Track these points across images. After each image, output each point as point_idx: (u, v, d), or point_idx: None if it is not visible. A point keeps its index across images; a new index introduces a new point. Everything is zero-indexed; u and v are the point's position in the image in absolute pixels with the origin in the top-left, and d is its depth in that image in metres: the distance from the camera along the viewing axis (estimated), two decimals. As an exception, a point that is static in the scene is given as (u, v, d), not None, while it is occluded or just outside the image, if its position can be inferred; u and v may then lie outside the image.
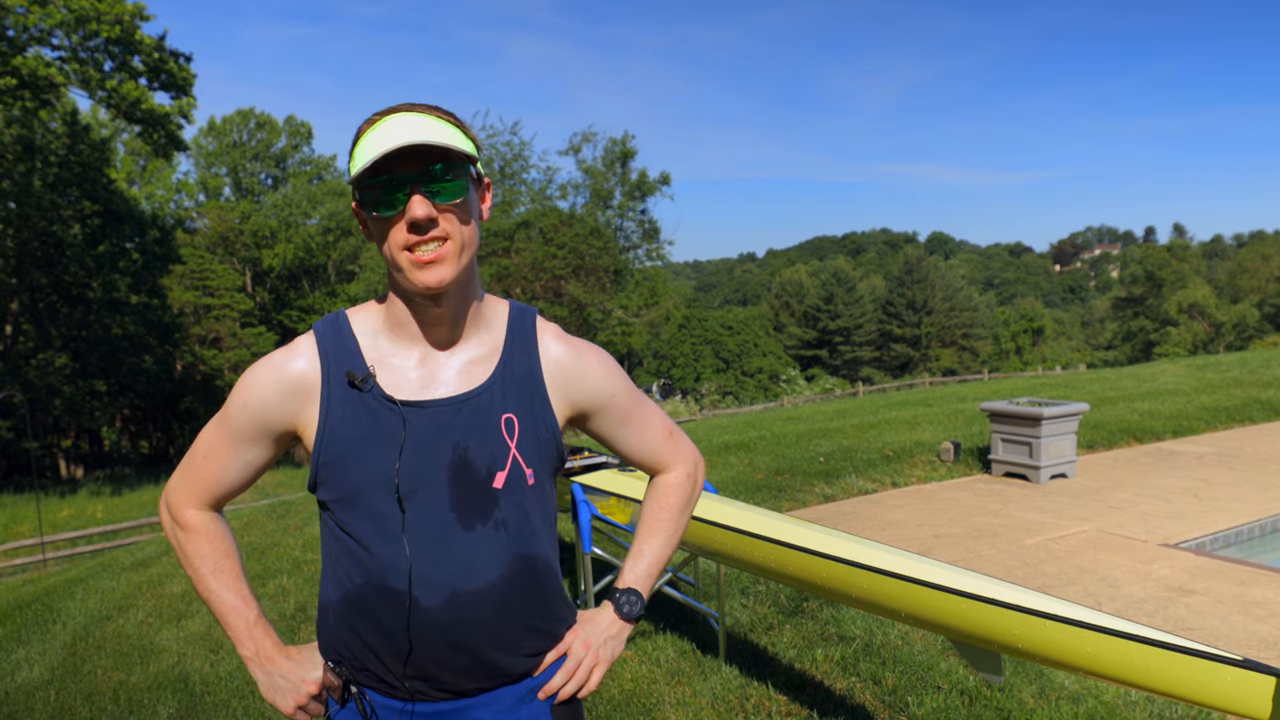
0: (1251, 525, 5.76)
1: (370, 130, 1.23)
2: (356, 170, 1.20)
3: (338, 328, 1.33)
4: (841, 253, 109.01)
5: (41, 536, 15.30)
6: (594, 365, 1.43)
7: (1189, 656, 1.62)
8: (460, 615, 1.28)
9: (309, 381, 1.30)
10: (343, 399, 1.29)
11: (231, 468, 1.36)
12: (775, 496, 6.84)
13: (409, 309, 1.31)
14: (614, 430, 1.48)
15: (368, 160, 1.18)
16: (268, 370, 1.31)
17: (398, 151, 1.19)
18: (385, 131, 1.21)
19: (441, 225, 1.22)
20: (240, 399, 1.32)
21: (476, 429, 1.30)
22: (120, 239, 31.52)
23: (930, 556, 2.75)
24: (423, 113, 1.25)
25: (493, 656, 1.32)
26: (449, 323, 1.32)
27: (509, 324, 1.39)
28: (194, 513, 1.40)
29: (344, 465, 1.28)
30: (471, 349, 1.34)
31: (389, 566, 1.28)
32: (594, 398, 1.43)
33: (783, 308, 65.32)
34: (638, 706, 3.37)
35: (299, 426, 1.31)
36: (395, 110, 1.24)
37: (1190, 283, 55.64)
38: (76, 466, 35.87)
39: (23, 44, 21.69)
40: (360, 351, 1.31)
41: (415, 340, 1.32)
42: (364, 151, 1.21)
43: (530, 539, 1.35)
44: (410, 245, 1.22)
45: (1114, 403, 10.66)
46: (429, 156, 1.21)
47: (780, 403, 25.09)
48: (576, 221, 31.35)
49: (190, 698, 3.85)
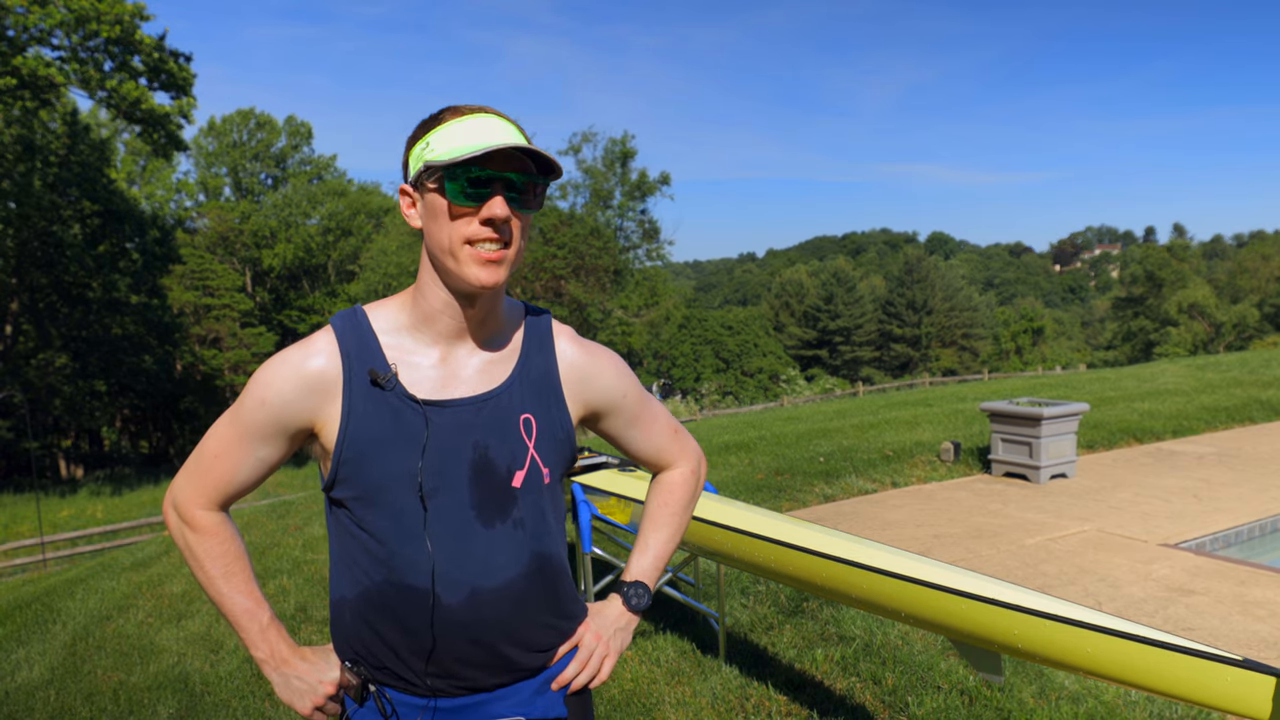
0: (1251, 525, 5.77)
1: (458, 121, 1.24)
2: (453, 156, 1.19)
3: (357, 324, 1.33)
4: (841, 253, 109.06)
5: (41, 536, 15.31)
6: (607, 367, 1.47)
7: (1189, 656, 1.62)
8: (480, 612, 1.30)
9: (330, 379, 1.29)
10: (364, 397, 1.28)
11: (244, 466, 1.34)
12: (775, 496, 6.84)
13: (438, 307, 1.31)
14: (623, 430, 1.51)
15: (473, 149, 1.18)
16: (286, 367, 1.29)
17: (503, 150, 1.21)
18: (481, 127, 1.23)
19: (511, 230, 1.24)
20: (257, 396, 1.30)
21: (496, 429, 1.32)
22: (120, 239, 31.53)
23: (930, 556, 2.75)
24: (509, 121, 1.27)
25: (511, 652, 1.34)
26: (477, 323, 1.33)
27: (525, 325, 1.41)
28: (203, 513, 1.37)
29: (366, 463, 1.28)
30: (491, 349, 1.36)
31: (410, 564, 1.28)
32: (607, 399, 1.46)
33: (783, 308, 65.34)
34: (638, 706, 3.37)
35: (317, 424, 1.30)
36: (484, 110, 1.26)
37: (1190, 283, 55.65)
38: (76, 466, 35.89)
39: (23, 44, 21.71)
40: (381, 349, 1.31)
41: (437, 338, 1.33)
42: (454, 137, 1.22)
43: (545, 537, 1.38)
44: (474, 240, 1.23)
45: (1114, 403, 10.66)
46: (522, 164, 1.23)
47: (780, 403, 25.09)
48: (576, 221, 31.36)
49: (190, 698, 3.85)
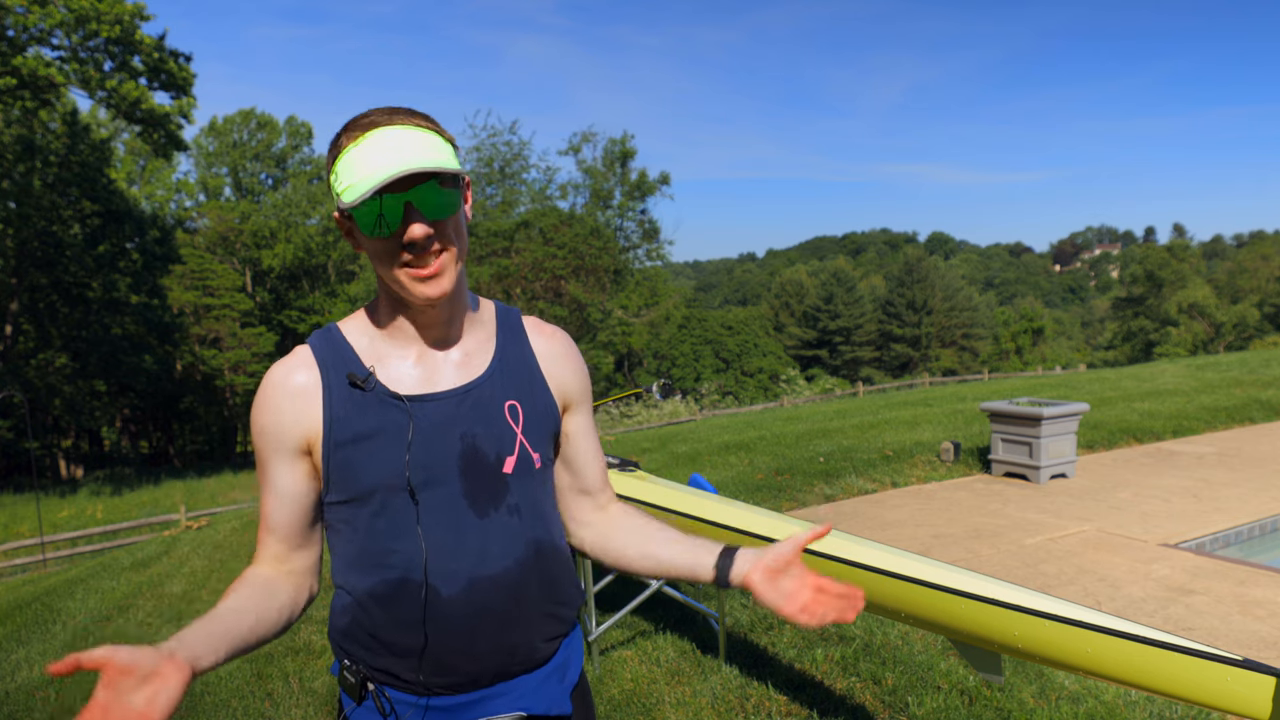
0: (1251, 525, 5.76)
1: (353, 146, 1.21)
2: (353, 198, 1.18)
3: (330, 337, 1.34)
4: (841, 253, 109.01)
5: (41, 536, 15.29)
6: (575, 356, 1.48)
7: (1189, 656, 1.62)
8: (478, 603, 1.29)
9: (310, 389, 1.30)
10: (345, 400, 1.29)
11: (280, 508, 1.32)
12: (775, 496, 6.84)
13: (403, 314, 1.32)
14: (578, 432, 1.49)
15: (365, 190, 1.17)
16: (269, 388, 1.31)
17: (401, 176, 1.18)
18: (373, 150, 1.19)
19: (437, 240, 1.23)
20: (258, 427, 1.31)
21: (481, 418, 1.32)
22: (120, 239, 31.51)
23: (930, 556, 2.75)
24: (403, 123, 1.22)
25: (511, 643, 1.33)
26: (444, 323, 1.34)
27: (497, 318, 1.43)
28: (250, 569, 1.34)
29: (353, 465, 1.28)
30: (466, 343, 1.36)
31: (405, 560, 1.28)
32: (578, 389, 1.47)
33: (783, 308, 65.30)
34: (638, 706, 3.37)
35: (310, 436, 1.30)
36: (375, 123, 1.21)
37: (1190, 283, 55.62)
38: (76, 466, 35.87)
39: (23, 44, 21.70)
40: (357, 355, 1.32)
41: (410, 340, 1.33)
42: (351, 169, 1.20)
43: (539, 523, 1.37)
44: (408, 262, 1.22)
45: (1114, 403, 10.66)
46: (422, 175, 1.20)
47: (780, 403, 25.07)
48: (576, 221, 31.33)
49: (190, 698, 3.85)
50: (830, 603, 1.26)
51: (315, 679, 3.90)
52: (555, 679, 1.40)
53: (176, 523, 14.70)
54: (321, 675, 3.94)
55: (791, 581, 1.29)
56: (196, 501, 21.51)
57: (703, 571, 1.37)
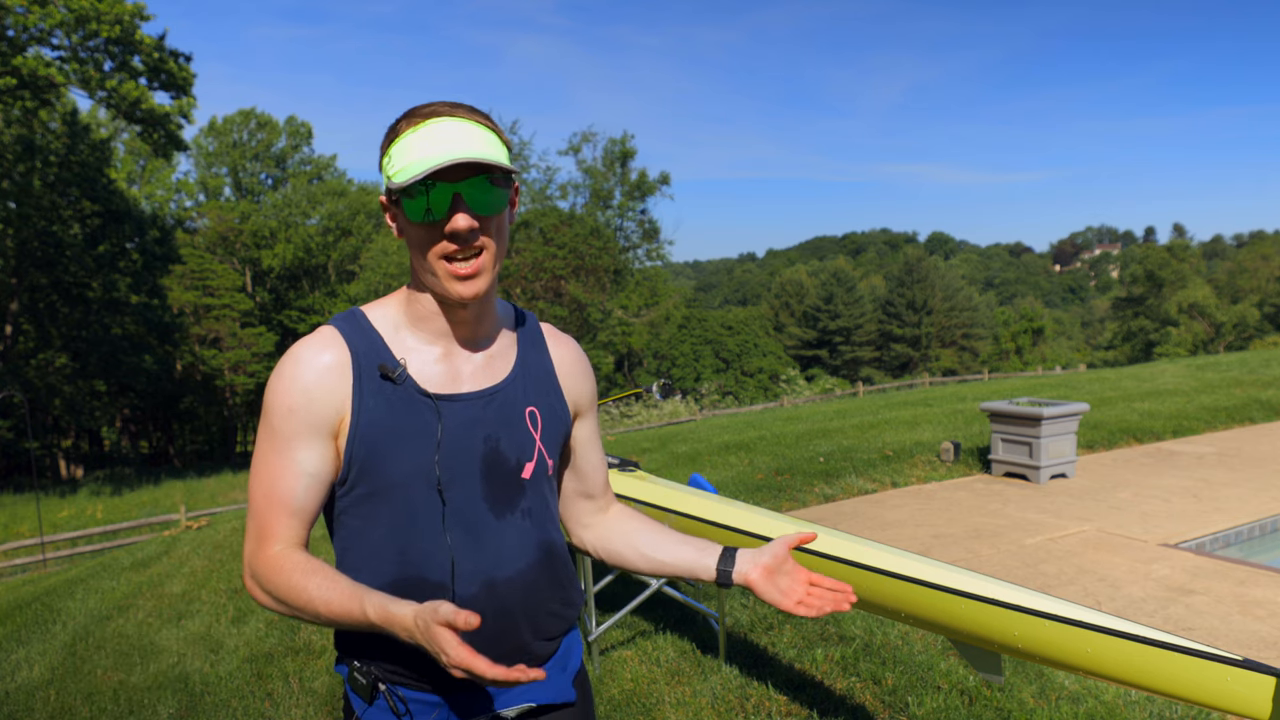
0: (1251, 525, 5.77)
1: (412, 131, 1.22)
2: (404, 180, 1.19)
3: (357, 323, 1.32)
4: (841, 253, 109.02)
5: (41, 536, 15.29)
6: (586, 365, 1.52)
7: (1189, 656, 1.62)
8: (494, 603, 1.31)
9: (341, 372, 1.28)
10: (375, 391, 1.28)
11: (297, 490, 1.27)
12: (775, 496, 6.84)
13: (433, 308, 1.32)
14: (587, 439, 1.53)
15: (418, 172, 1.18)
16: (300, 365, 1.27)
17: (455, 162, 1.19)
18: (431, 137, 1.20)
19: (481, 236, 1.23)
20: (284, 405, 1.26)
21: (504, 422, 1.34)
22: (120, 239, 31.49)
23: (930, 556, 2.75)
24: (464, 118, 1.23)
25: (522, 641, 1.35)
26: (473, 322, 1.34)
27: (517, 323, 1.44)
28: (268, 555, 1.28)
29: (380, 458, 1.27)
30: (489, 346, 1.38)
31: (426, 558, 1.28)
32: (588, 398, 1.51)
33: (783, 308, 65.30)
34: (638, 706, 3.37)
35: (340, 418, 1.27)
36: (437, 113, 1.23)
37: (1190, 283, 55.62)
38: (76, 466, 35.86)
39: (23, 44, 21.70)
40: (386, 345, 1.31)
41: (437, 335, 1.33)
42: (406, 153, 1.21)
43: (548, 525, 1.40)
44: (448, 255, 1.23)
45: (1114, 403, 10.66)
46: (475, 166, 1.21)
47: (780, 403, 25.07)
48: (576, 221, 31.36)
49: (190, 698, 3.85)
50: (824, 595, 1.34)
51: (315, 679, 3.90)
52: (559, 669, 1.42)
53: (176, 523, 14.70)
54: (321, 675, 3.94)
55: (787, 579, 1.37)
56: (196, 501, 21.51)
57: (704, 572, 1.43)
